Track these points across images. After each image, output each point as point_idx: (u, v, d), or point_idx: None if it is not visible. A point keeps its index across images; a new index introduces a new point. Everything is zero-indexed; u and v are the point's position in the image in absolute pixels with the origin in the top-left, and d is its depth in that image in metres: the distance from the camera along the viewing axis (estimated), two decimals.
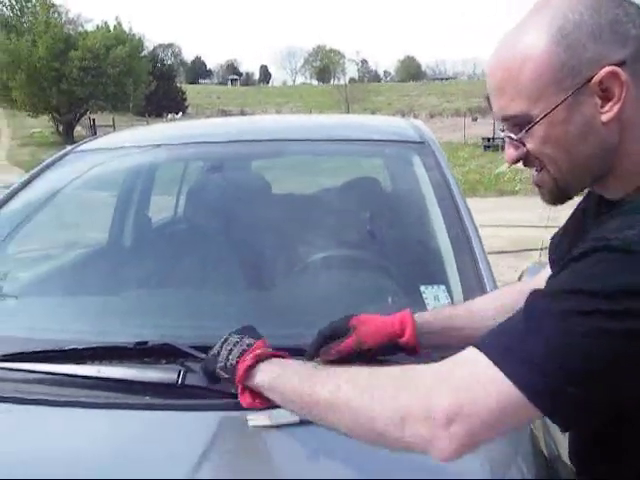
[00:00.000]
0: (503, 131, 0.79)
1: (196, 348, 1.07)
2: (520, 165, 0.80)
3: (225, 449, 0.90)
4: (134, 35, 31.94)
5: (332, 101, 42.88)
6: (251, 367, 0.86)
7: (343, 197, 1.87)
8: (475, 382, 0.65)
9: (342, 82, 58.83)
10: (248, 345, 0.89)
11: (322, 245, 1.50)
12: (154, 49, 48.15)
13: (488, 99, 0.80)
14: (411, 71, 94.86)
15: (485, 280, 1.29)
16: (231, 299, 1.41)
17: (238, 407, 0.97)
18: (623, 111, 0.70)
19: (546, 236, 1.07)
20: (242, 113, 35.30)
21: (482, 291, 1.26)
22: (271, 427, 0.92)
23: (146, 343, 1.09)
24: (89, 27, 32.18)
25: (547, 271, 0.96)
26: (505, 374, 0.64)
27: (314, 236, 1.56)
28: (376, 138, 1.91)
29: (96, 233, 2.24)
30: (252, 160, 2.07)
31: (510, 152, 0.78)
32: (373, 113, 29.88)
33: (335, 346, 0.98)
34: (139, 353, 1.09)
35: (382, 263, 1.47)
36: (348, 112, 34.56)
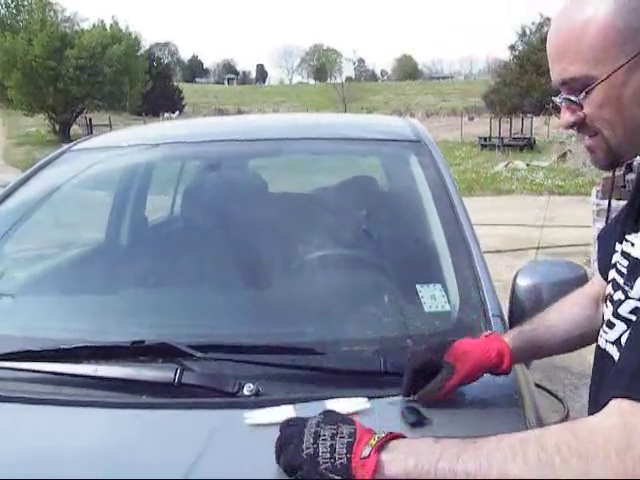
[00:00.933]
0: (559, 97, 0.81)
1: (193, 347, 1.07)
2: (571, 131, 0.82)
3: (222, 447, 0.90)
4: (130, 34, 31.88)
5: (329, 100, 42.85)
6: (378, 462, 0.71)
7: (340, 196, 1.87)
8: None
9: (339, 81, 58.83)
10: (349, 435, 0.74)
11: (319, 244, 1.50)
12: (151, 48, 47.94)
13: (486, 100, 0.80)
14: (408, 70, 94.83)
15: (481, 279, 1.29)
16: (227, 298, 1.41)
17: (234, 405, 0.98)
18: None
19: (542, 235, 1.08)
20: (239, 112, 35.25)
21: (478, 290, 1.26)
22: (268, 425, 0.92)
23: (143, 342, 1.10)
24: (85, 26, 32.14)
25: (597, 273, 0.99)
26: None
27: (311, 235, 1.56)
28: (373, 137, 1.91)
29: (93, 232, 2.24)
30: (249, 159, 2.07)
31: (566, 117, 0.80)
32: (370, 112, 29.87)
33: (439, 390, 0.93)
34: (136, 352, 1.09)
35: (378, 262, 1.47)
36: (345, 111, 34.55)
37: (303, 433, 0.75)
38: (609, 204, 5.57)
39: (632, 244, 0.82)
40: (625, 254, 0.84)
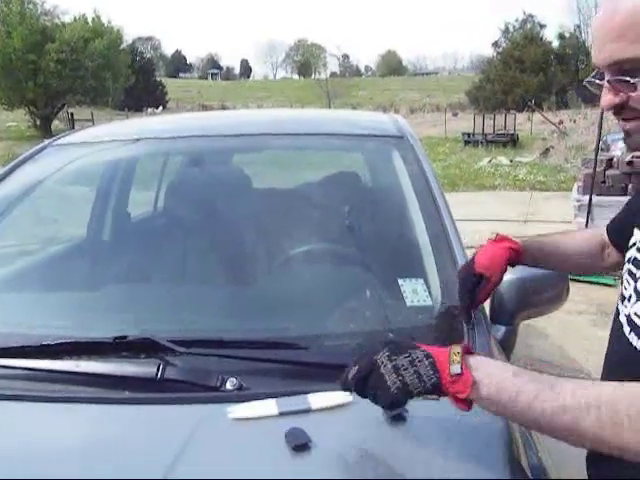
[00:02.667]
0: (601, 78, 0.83)
1: (175, 342, 1.07)
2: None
3: (205, 442, 0.90)
4: (112, 28, 31.49)
5: (313, 96, 42.80)
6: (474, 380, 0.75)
7: (323, 191, 1.88)
8: None
9: (323, 77, 58.73)
10: (426, 357, 0.77)
11: (302, 239, 1.50)
12: (133, 42, 47.35)
13: (469, 96, 0.81)
14: (392, 66, 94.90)
15: None
16: (210, 293, 1.41)
17: (217, 400, 0.98)
18: None
19: (525, 231, 1.12)
20: (223, 107, 35.05)
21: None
22: (251, 419, 0.93)
23: (125, 337, 1.09)
24: (66, 19, 31.65)
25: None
26: None
27: (294, 231, 1.56)
28: (356, 132, 1.92)
29: (75, 228, 2.22)
30: (232, 154, 2.06)
31: (609, 98, 0.82)
32: (354, 108, 29.88)
33: (483, 294, 1.12)
34: (118, 347, 1.09)
35: (361, 257, 1.48)
36: (329, 107, 34.53)
37: (382, 374, 0.78)
38: (590, 200, 5.65)
39: None
40: None
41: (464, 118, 27.52)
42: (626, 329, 0.89)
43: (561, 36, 39.81)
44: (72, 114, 27.82)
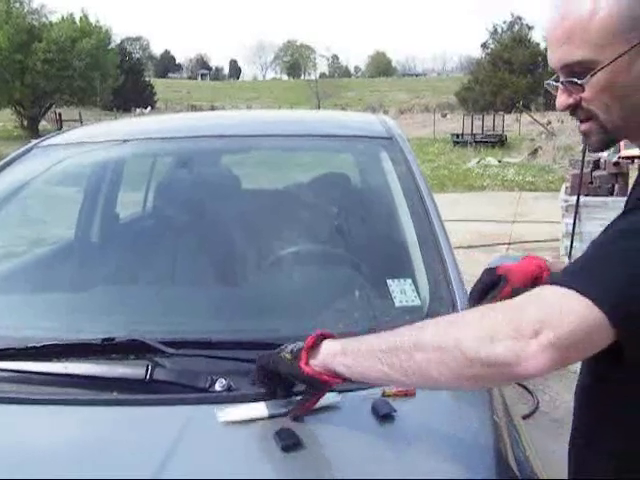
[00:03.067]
0: (557, 81, 0.84)
1: (164, 343, 1.07)
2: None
3: (194, 443, 0.90)
4: (101, 28, 31.30)
5: (303, 96, 42.81)
6: (317, 341, 0.87)
7: (312, 192, 1.88)
8: (557, 301, 0.69)
9: (313, 77, 58.76)
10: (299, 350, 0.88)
11: (291, 240, 1.50)
12: (121, 42, 47.09)
13: (458, 97, 0.82)
14: (381, 67, 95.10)
15: (451, 274, 1.31)
16: (199, 294, 1.41)
17: (206, 401, 0.98)
18: None
19: (513, 231, 1.11)
20: (212, 108, 34.96)
21: (448, 285, 1.29)
22: (240, 422, 0.93)
23: (113, 339, 1.09)
24: (53, 18, 31.40)
25: None
26: (581, 293, 0.68)
27: (283, 231, 1.57)
28: (345, 134, 1.92)
29: (63, 229, 2.21)
30: (221, 155, 2.06)
31: (563, 99, 0.84)
32: (343, 109, 29.91)
33: (497, 296, 0.99)
34: (107, 349, 1.09)
35: (350, 257, 1.49)
36: (318, 107, 34.54)
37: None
38: (577, 200, 5.71)
39: None
40: None
41: (453, 119, 27.66)
42: None
43: None
44: (60, 114, 27.62)
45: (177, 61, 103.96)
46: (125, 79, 34.29)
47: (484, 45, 42.59)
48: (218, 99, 47.99)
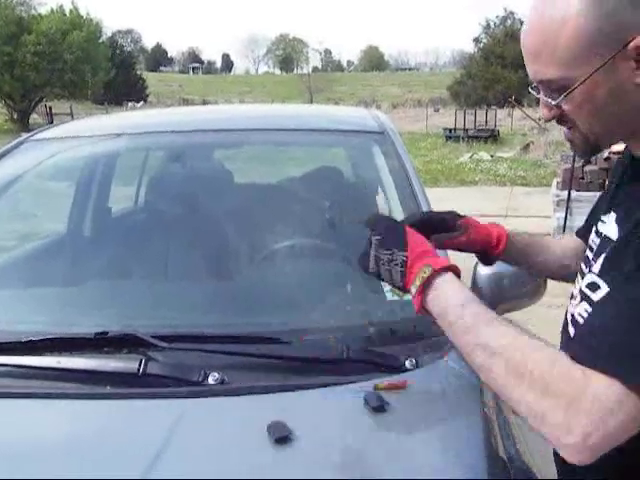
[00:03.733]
0: (536, 91, 0.84)
1: (157, 337, 1.08)
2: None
3: (187, 436, 0.91)
4: (91, 20, 31.01)
5: (295, 90, 42.69)
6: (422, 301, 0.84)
7: (305, 186, 1.88)
8: (606, 400, 0.67)
9: (305, 71, 58.60)
10: (401, 264, 0.86)
11: (284, 234, 1.51)
12: (113, 35, 46.73)
13: (451, 92, 0.82)
14: (374, 61, 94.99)
15: None
16: (192, 288, 1.41)
17: (199, 394, 0.98)
18: None
19: (505, 226, 1.12)
20: (204, 102, 34.78)
21: None
22: (233, 413, 0.93)
23: (106, 333, 1.09)
24: (43, 10, 31.05)
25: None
26: (627, 384, 0.66)
27: (276, 226, 1.57)
28: (337, 128, 1.93)
29: (54, 223, 2.20)
30: (214, 150, 2.06)
31: (545, 112, 0.83)
32: (336, 103, 29.85)
33: (450, 239, 1.00)
34: (100, 343, 1.09)
35: (342, 252, 1.49)
36: (311, 102, 34.47)
37: (369, 253, 0.91)
38: (568, 195, 5.74)
39: (604, 222, 0.88)
40: (598, 233, 0.90)
41: (446, 114, 27.67)
42: (570, 329, 0.90)
43: None
44: (51, 108, 27.36)
45: (169, 54, 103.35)
46: (116, 72, 34.01)
47: (477, 40, 42.61)
48: (210, 93, 47.77)
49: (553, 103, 0.80)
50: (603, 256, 0.82)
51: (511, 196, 9.77)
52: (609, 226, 0.85)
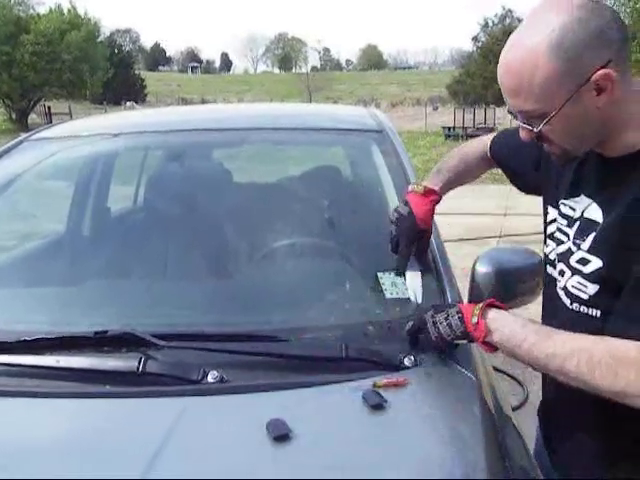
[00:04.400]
0: (514, 116, 0.99)
1: (156, 336, 1.08)
2: None
3: (186, 435, 0.91)
4: (90, 19, 30.95)
5: (294, 89, 42.64)
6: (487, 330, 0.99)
7: (304, 185, 1.88)
8: None
9: (304, 70, 58.57)
10: (457, 312, 1.01)
11: (282, 233, 1.51)
12: (111, 35, 46.69)
13: (450, 90, 0.93)
14: (373, 60, 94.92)
15: (441, 266, 1.33)
16: (191, 287, 1.41)
17: (199, 393, 0.99)
18: (613, 94, 0.90)
19: (504, 224, 1.15)
20: (203, 101, 34.74)
21: (438, 277, 1.30)
22: (232, 411, 0.93)
23: (106, 332, 1.09)
24: (41, 10, 30.98)
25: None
26: None
27: (275, 224, 1.57)
28: (336, 127, 1.93)
29: (54, 223, 2.20)
30: (213, 149, 2.06)
31: (524, 134, 0.99)
32: (335, 102, 29.82)
33: (423, 248, 1.33)
34: (99, 342, 1.09)
35: (341, 250, 1.49)
36: (310, 101, 34.44)
37: (427, 328, 1.04)
38: None
39: (572, 208, 1.06)
40: (565, 216, 1.08)
41: (444, 112, 27.66)
42: (566, 300, 1.06)
43: None
44: (49, 108, 27.33)
45: (168, 54, 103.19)
46: (115, 72, 33.96)
47: (475, 38, 42.60)
48: (209, 92, 47.72)
49: (535, 130, 0.95)
50: (592, 236, 0.98)
51: (510, 195, 9.76)
52: (590, 210, 1.01)
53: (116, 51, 41.27)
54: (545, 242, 1.18)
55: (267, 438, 0.87)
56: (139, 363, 1.01)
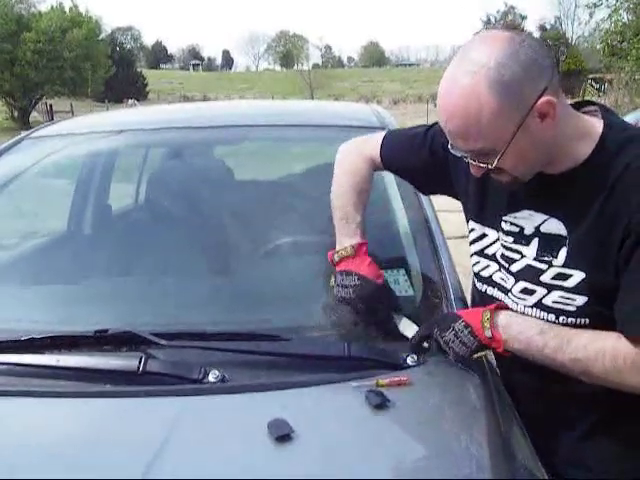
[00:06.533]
0: (459, 153, 0.99)
1: (157, 335, 1.07)
2: None
3: (187, 434, 0.90)
4: (91, 17, 30.95)
5: (296, 87, 42.61)
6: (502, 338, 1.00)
7: (305, 183, 1.88)
8: None
9: (305, 68, 58.55)
10: (465, 327, 1.01)
11: (284, 231, 1.50)
12: (112, 32, 46.64)
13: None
14: (374, 57, 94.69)
15: (444, 264, 1.32)
16: (192, 286, 1.40)
17: (200, 392, 0.98)
18: (555, 117, 0.93)
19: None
20: (204, 99, 34.75)
21: (441, 275, 1.29)
22: (234, 411, 0.93)
23: (106, 331, 1.09)
24: (42, 8, 30.96)
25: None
26: None
27: (276, 222, 1.56)
28: (338, 124, 1.92)
29: (54, 222, 2.19)
30: (214, 146, 2.05)
31: (475, 170, 1.00)
32: (337, 99, 29.81)
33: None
34: (99, 341, 1.08)
35: None
36: (312, 98, 34.41)
37: (441, 347, 1.03)
38: None
39: (517, 225, 1.05)
40: (510, 233, 1.06)
41: None
42: (547, 317, 1.02)
43: (542, 28, 40.05)
44: (51, 105, 27.34)
45: (169, 52, 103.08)
46: (116, 70, 33.96)
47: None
48: (211, 90, 47.68)
49: (490, 167, 0.96)
50: (564, 250, 0.99)
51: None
52: (547, 225, 1.01)
53: (117, 49, 41.27)
54: (474, 259, 1.16)
55: (269, 438, 0.87)
56: (140, 362, 1.00)
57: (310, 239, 1.50)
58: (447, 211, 1.85)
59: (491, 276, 1.12)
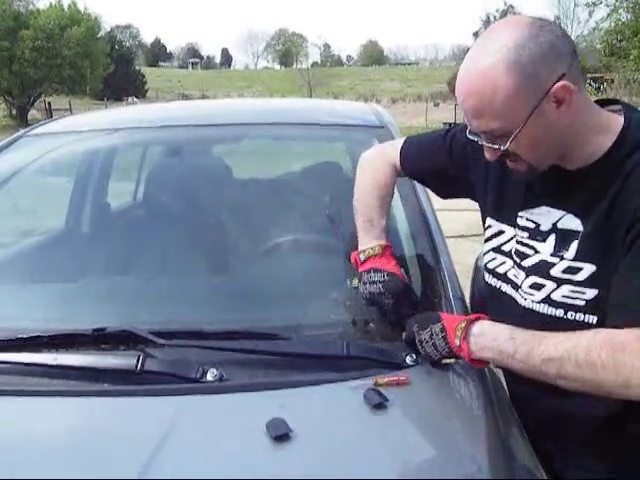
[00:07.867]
0: (475, 136, 0.99)
1: (155, 334, 1.07)
2: None
3: (185, 434, 0.90)
4: (90, 15, 30.90)
5: (294, 85, 42.57)
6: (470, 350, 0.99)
7: (305, 181, 1.87)
8: None
9: (304, 66, 58.51)
10: (441, 331, 1.01)
11: (283, 230, 1.50)
12: (111, 30, 46.65)
13: (450, 86, 0.91)
14: (373, 56, 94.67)
15: (442, 263, 1.31)
16: (190, 284, 1.40)
17: (198, 391, 0.98)
18: (572, 105, 0.92)
19: None
20: (203, 97, 34.70)
21: (439, 273, 1.29)
22: (232, 410, 0.92)
23: (104, 329, 1.08)
24: (41, 5, 30.93)
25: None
26: None
27: (275, 221, 1.56)
28: (337, 122, 1.91)
29: (52, 220, 2.19)
30: (213, 144, 2.05)
31: (490, 154, 1.00)
32: (335, 98, 29.77)
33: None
34: (97, 340, 1.08)
35: (342, 247, 1.48)
36: (310, 96, 34.36)
37: (416, 344, 1.04)
38: None
39: (534, 221, 1.05)
40: (526, 229, 1.06)
41: (445, 108, 27.61)
42: (555, 312, 1.02)
43: None
44: (49, 103, 27.29)
45: (168, 50, 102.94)
46: (115, 68, 33.93)
47: (476, 34, 42.52)
48: (209, 88, 47.62)
49: (502, 148, 0.96)
50: (575, 244, 0.99)
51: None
52: (564, 221, 1.01)
53: (116, 47, 41.18)
54: (490, 256, 1.16)
55: (267, 437, 0.86)
56: (138, 361, 1.00)
57: (308, 237, 1.49)
58: (447, 210, 1.85)
59: (506, 273, 1.12)
